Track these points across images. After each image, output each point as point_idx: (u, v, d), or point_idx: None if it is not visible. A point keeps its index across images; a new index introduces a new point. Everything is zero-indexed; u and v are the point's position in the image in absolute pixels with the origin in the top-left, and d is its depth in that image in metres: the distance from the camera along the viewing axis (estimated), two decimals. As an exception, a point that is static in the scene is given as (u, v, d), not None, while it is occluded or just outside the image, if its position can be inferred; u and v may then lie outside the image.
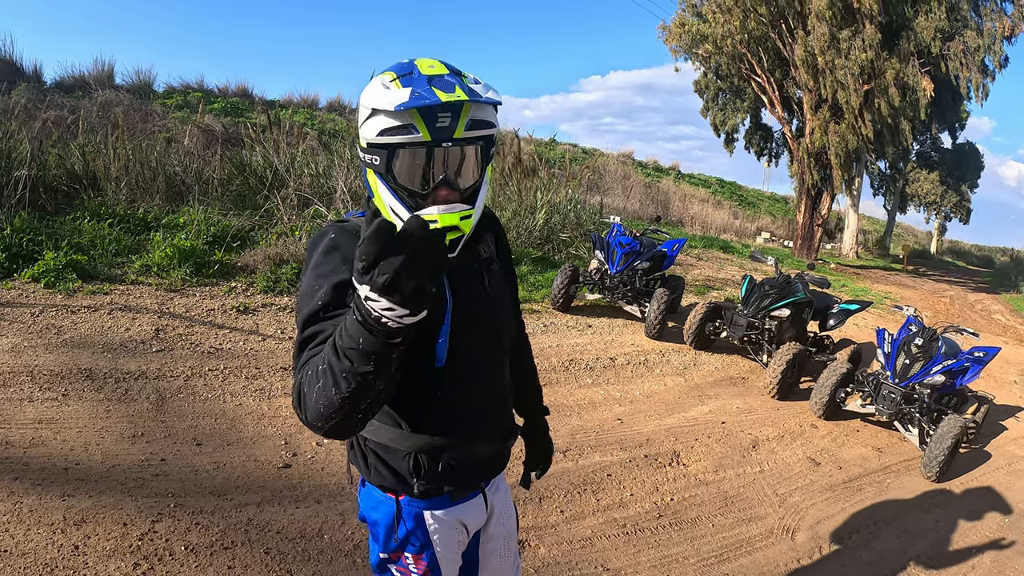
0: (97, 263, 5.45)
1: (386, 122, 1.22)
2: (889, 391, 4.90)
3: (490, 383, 1.46)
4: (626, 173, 21.13)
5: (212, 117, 13.98)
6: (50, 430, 3.31)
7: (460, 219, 1.25)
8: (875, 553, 3.45)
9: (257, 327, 5.08)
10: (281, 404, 3.98)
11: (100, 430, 3.37)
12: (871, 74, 15.16)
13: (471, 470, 1.44)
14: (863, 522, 3.76)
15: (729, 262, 12.35)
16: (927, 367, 4.85)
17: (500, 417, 1.51)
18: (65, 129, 8.87)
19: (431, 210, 1.24)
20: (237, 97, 16.83)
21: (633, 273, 6.83)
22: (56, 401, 3.59)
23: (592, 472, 3.81)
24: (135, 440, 3.33)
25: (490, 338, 1.43)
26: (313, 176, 8.17)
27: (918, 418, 4.82)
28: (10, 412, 3.41)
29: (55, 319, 4.54)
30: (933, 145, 27.81)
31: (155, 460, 3.18)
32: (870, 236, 28.26)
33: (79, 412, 3.51)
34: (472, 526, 1.49)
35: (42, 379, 3.77)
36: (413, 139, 1.21)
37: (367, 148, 1.27)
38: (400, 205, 1.27)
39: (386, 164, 1.26)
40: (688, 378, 5.77)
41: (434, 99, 1.16)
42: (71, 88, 13.99)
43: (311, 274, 1.24)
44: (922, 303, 13.11)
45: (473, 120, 1.24)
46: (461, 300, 1.34)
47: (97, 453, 3.17)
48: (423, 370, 1.31)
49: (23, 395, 3.59)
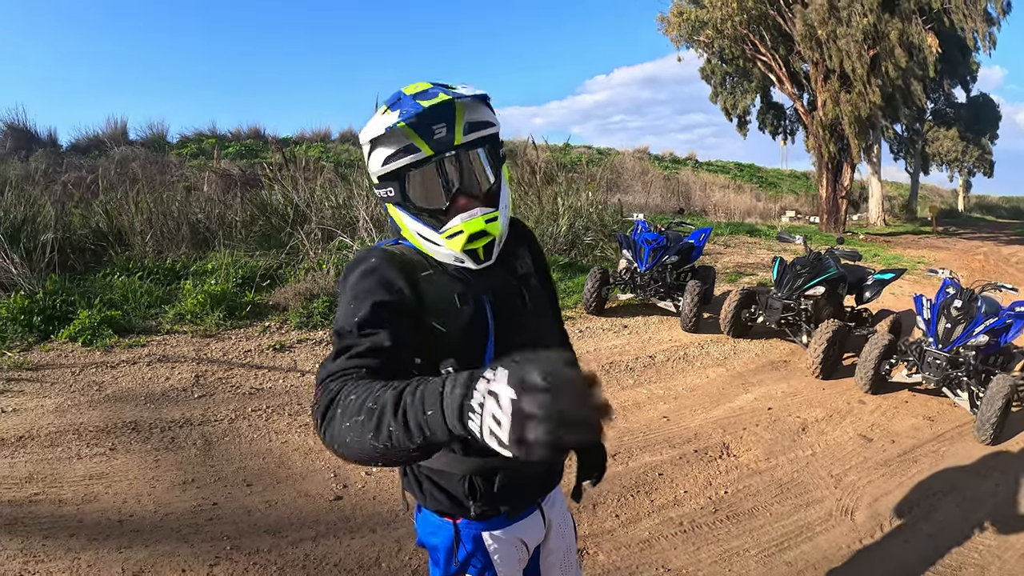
0: (131, 317, 5.57)
1: (387, 150, 1.23)
2: (934, 357, 4.78)
3: None
4: (644, 169, 21.03)
5: (228, 161, 14.27)
6: (101, 484, 3.36)
7: (486, 222, 1.25)
8: (936, 525, 3.36)
9: (295, 363, 5.13)
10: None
11: (151, 480, 3.42)
12: (875, 38, 14.91)
13: (526, 487, 1.42)
14: (921, 495, 3.66)
15: (757, 246, 12.19)
16: (969, 329, 4.73)
17: None
18: (86, 189, 9.10)
19: (454, 221, 1.24)
20: (250, 139, 17.16)
21: (663, 268, 6.75)
22: (104, 456, 3.64)
23: (643, 473, 3.76)
24: (186, 487, 3.37)
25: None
26: (334, 208, 8.25)
27: (966, 382, 4.70)
28: (60, 471, 3.47)
29: (96, 376, 4.63)
30: (947, 101, 27.22)
31: (207, 505, 3.21)
32: (895, 202, 27.72)
33: (128, 464, 3.56)
34: (531, 542, 1.47)
35: (88, 436, 3.84)
36: (416, 157, 1.21)
37: (379, 183, 1.28)
38: (427, 228, 1.27)
39: (401, 192, 1.26)
40: (729, 368, 5.67)
41: (418, 108, 1.17)
42: (87, 149, 14.40)
43: (350, 291, 1.22)
44: (956, 263, 12.79)
45: (470, 123, 1.23)
46: (502, 321, 1.32)
47: (150, 503, 3.21)
48: None
49: (71, 453, 3.66)
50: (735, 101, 21.87)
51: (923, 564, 3.04)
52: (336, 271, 6.62)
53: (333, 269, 6.62)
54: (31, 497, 3.21)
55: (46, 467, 3.49)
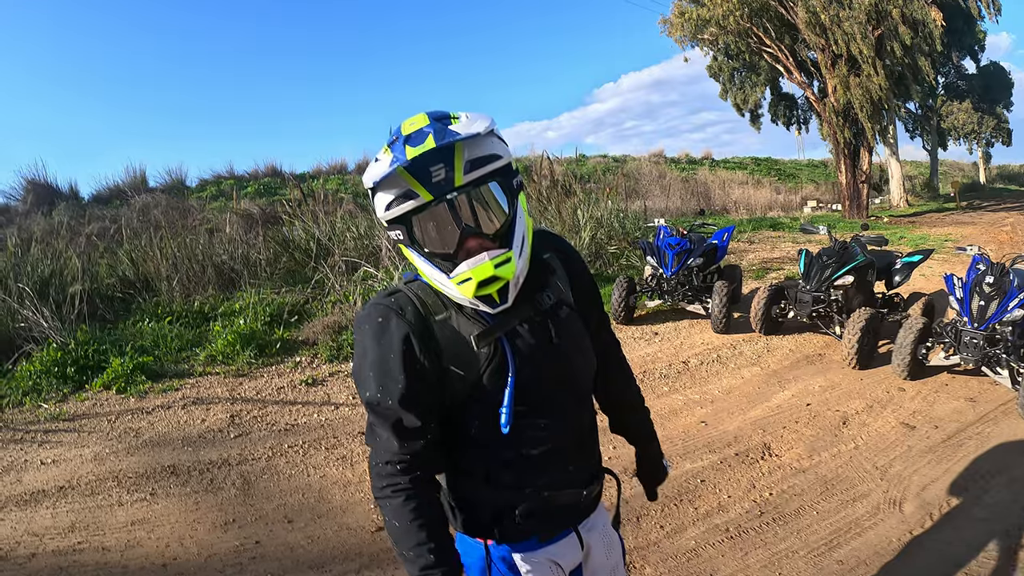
0: (163, 361, 5.65)
1: (387, 196, 1.19)
2: (970, 337, 4.66)
3: (566, 433, 1.37)
4: (661, 172, 20.97)
5: (248, 201, 14.43)
6: (143, 530, 3.39)
7: (495, 267, 1.18)
8: (987, 509, 3.26)
9: (328, 397, 5.15)
10: (364, 469, 3.99)
11: (192, 523, 3.45)
12: (878, 19, 14.73)
13: (555, 518, 1.38)
14: (970, 479, 3.56)
15: (781, 239, 12.03)
16: (1003, 304, 4.60)
17: (581, 463, 1.43)
18: (110, 239, 9.31)
19: (461, 268, 1.19)
20: (268, 177, 17.30)
21: (688, 272, 6.68)
22: (145, 501, 3.68)
23: (685, 481, 3.69)
24: (227, 527, 3.39)
25: (563, 388, 1.35)
26: (356, 238, 8.31)
27: (1005, 359, 4.55)
28: (102, 519, 3.51)
29: (132, 422, 4.70)
30: (958, 74, 26.70)
31: (250, 544, 3.23)
32: (916, 181, 27.28)
33: (169, 508, 3.60)
34: (567, 565, 1.43)
35: (128, 482, 3.89)
36: (417, 203, 1.17)
37: (388, 225, 1.24)
38: (438, 272, 1.22)
39: (408, 236, 1.22)
40: (764, 366, 5.58)
41: (402, 159, 1.12)
42: (108, 199, 14.66)
43: (366, 355, 1.24)
44: (983, 238, 12.49)
45: (471, 161, 1.18)
46: (524, 360, 1.26)
47: (192, 545, 3.24)
48: (490, 435, 1.27)
49: (112, 500, 3.70)
50: (745, 96, 21.67)
51: (976, 550, 2.94)
52: (362, 301, 6.64)
53: (360, 300, 6.66)
54: (75, 546, 3.26)
55: (88, 515, 3.54)
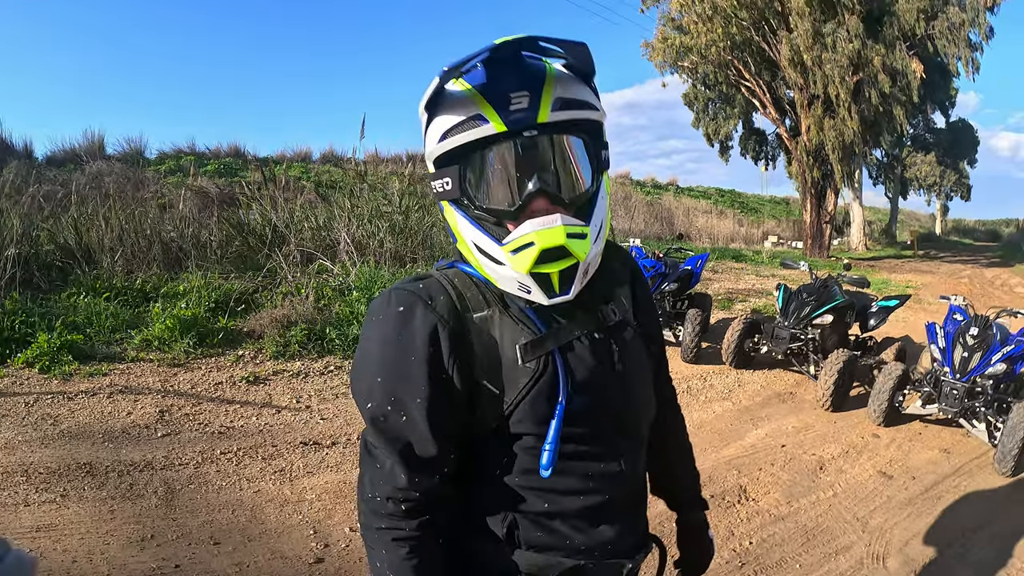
0: (94, 341, 5.15)
1: (446, 121, 0.88)
2: (951, 388, 4.57)
3: (620, 485, 1.04)
4: (627, 194, 21.08)
5: (206, 179, 13.88)
6: (49, 538, 2.93)
7: (568, 236, 0.87)
8: (971, 566, 3.15)
9: (270, 398, 4.73)
10: (305, 486, 3.57)
11: (104, 535, 3.00)
12: (859, 64, 15.03)
13: None
14: (952, 534, 3.44)
15: (744, 271, 12.04)
16: (986, 357, 4.53)
17: (630, 526, 1.09)
18: (56, 203, 8.70)
19: (523, 228, 0.88)
20: (230, 157, 16.75)
21: (662, 296, 6.48)
22: (55, 503, 3.22)
23: (659, 524, 3.41)
24: (144, 544, 2.95)
25: (620, 429, 1.03)
26: (314, 230, 7.95)
27: (983, 412, 4.49)
28: (5, 519, 3.04)
29: (51, 408, 4.20)
30: (927, 127, 27.77)
31: (168, 567, 2.80)
32: (875, 226, 28.10)
33: (80, 515, 3.14)
34: None
35: (38, 478, 3.41)
36: (483, 132, 0.86)
37: (435, 171, 0.93)
38: (487, 238, 0.91)
39: (459, 184, 0.90)
40: (735, 401, 5.38)
41: (479, 78, 0.87)
42: (62, 162, 14.02)
43: (367, 359, 0.94)
44: (943, 287, 12.72)
45: (562, 98, 0.88)
46: (579, 385, 0.95)
47: (102, 564, 2.79)
48: (521, 479, 0.96)
49: (18, 498, 3.23)
50: (717, 127, 22.00)
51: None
52: (315, 296, 6.24)
53: (312, 294, 6.23)
54: (-35, 553, 2.79)
55: (-12, 515, 3.06)
